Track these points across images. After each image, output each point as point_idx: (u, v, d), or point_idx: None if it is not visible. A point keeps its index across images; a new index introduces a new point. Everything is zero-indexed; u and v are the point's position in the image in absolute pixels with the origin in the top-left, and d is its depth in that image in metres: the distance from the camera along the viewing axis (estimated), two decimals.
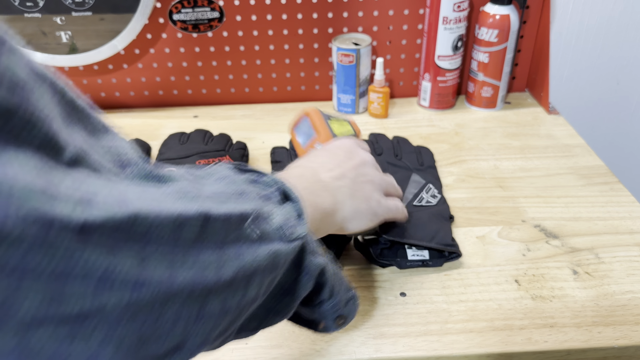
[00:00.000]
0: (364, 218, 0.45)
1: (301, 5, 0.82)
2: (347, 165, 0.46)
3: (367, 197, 0.46)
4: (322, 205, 0.40)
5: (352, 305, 0.39)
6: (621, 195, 0.65)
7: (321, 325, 0.37)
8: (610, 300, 0.51)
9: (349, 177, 0.45)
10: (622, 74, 0.97)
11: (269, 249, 0.28)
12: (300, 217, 0.32)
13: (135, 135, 0.81)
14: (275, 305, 0.32)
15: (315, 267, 0.32)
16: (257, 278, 0.27)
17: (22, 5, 0.76)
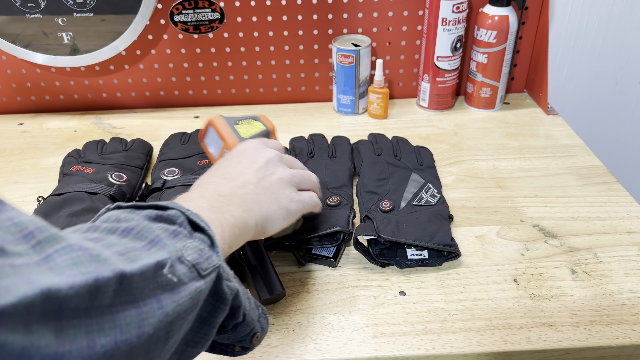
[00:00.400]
0: (278, 218, 0.45)
1: (301, 7, 0.82)
2: (249, 171, 0.46)
3: (274, 198, 0.45)
4: (231, 220, 0.39)
5: (264, 321, 0.39)
6: (619, 195, 0.65)
7: (237, 347, 0.37)
8: (609, 299, 0.51)
9: (252, 182, 0.45)
10: (621, 74, 0.97)
11: (189, 290, 0.28)
12: (212, 245, 0.32)
13: (137, 136, 0.81)
14: (193, 336, 0.31)
15: (230, 292, 0.32)
16: (178, 323, 0.27)
17: (23, 6, 0.77)
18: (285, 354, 0.46)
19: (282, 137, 0.79)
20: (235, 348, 0.37)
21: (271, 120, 0.59)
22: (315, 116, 0.87)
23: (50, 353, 0.20)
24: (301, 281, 0.54)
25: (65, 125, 0.87)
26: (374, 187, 0.63)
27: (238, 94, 0.91)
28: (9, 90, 0.89)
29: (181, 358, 0.31)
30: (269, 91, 0.91)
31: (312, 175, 0.52)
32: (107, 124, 0.87)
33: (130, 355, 0.24)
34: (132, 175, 0.66)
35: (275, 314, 0.50)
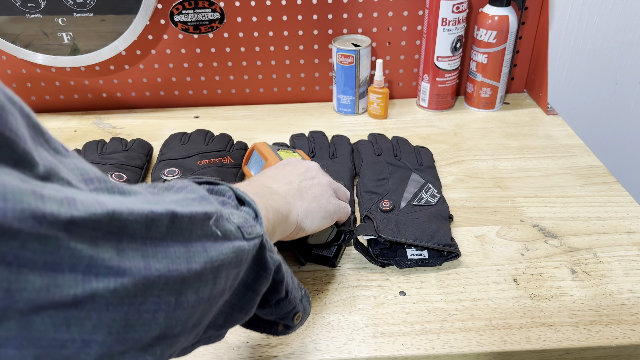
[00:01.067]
0: (317, 215, 0.48)
1: (301, 7, 0.82)
2: (292, 174, 0.50)
3: (316, 197, 0.48)
4: (274, 206, 0.41)
5: (306, 302, 0.41)
6: (619, 195, 0.65)
7: (280, 326, 0.39)
8: (609, 299, 0.51)
9: (295, 182, 0.48)
10: (621, 74, 0.97)
11: (232, 246, 0.30)
12: (256, 217, 0.35)
13: (137, 136, 0.81)
14: (238, 301, 0.33)
15: (272, 263, 0.34)
16: (223, 271, 0.29)
17: (23, 6, 0.77)
18: (285, 353, 0.46)
19: (282, 137, 0.80)
20: (278, 327, 0.39)
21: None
22: (315, 116, 0.87)
23: (114, 266, 0.22)
24: (301, 281, 0.54)
25: (65, 125, 0.87)
26: (374, 187, 0.63)
27: (238, 94, 0.91)
28: None
29: (227, 320, 0.33)
30: (269, 91, 0.91)
31: (346, 190, 0.55)
32: (107, 124, 0.87)
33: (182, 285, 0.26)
34: (132, 175, 0.66)
35: None
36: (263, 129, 0.84)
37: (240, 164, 0.70)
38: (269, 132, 0.82)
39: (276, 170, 0.51)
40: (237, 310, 0.33)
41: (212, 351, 0.47)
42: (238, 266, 0.31)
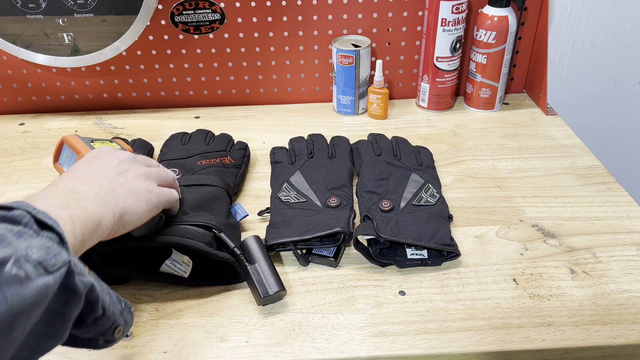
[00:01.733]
0: (138, 210, 0.45)
1: (301, 8, 0.82)
2: (103, 170, 0.46)
3: (132, 191, 0.45)
4: (83, 215, 0.39)
5: (127, 314, 0.39)
6: (619, 195, 0.66)
7: (100, 341, 0.38)
8: (608, 299, 0.51)
9: (106, 179, 0.45)
10: (620, 74, 0.98)
11: (36, 285, 0.28)
12: (62, 242, 0.32)
13: (138, 136, 0.81)
14: (47, 330, 0.31)
15: (83, 286, 0.32)
16: (22, 317, 0.28)
17: (24, 7, 0.77)
18: (285, 353, 0.46)
19: (282, 137, 0.80)
20: (98, 341, 0.38)
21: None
22: (315, 116, 0.88)
23: None
24: (301, 281, 0.54)
25: (66, 126, 0.87)
26: (374, 187, 0.64)
27: (238, 94, 0.91)
28: (10, 91, 0.89)
29: (35, 351, 0.31)
30: (269, 91, 0.91)
31: (168, 172, 0.53)
32: (108, 124, 0.87)
33: None
34: None
35: (275, 314, 0.50)
36: (263, 129, 0.84)
37: (240, 164, 0.70)
38: (269, 132, 0.83)
39: (84, 167, 0.47)
40: (46, 338, 0.32)
41: (213, 350, 0.47)
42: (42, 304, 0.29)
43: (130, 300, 0.52)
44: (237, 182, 0.67)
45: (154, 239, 0.49)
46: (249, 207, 0.65)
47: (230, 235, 0.53)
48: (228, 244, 0.52)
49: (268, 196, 0.67)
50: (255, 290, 0.50)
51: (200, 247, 0.49)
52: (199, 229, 0.51)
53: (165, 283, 0.54)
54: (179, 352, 0.47)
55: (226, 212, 0.58)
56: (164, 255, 0.52)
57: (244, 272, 0.52)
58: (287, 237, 0.55)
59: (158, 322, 0.50)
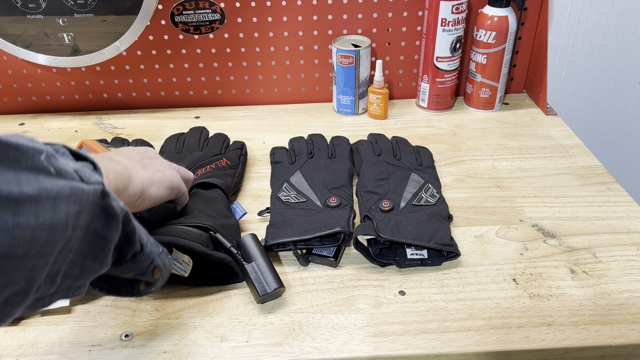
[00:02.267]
0: (162, 185, 0.48)
1: (301, 8, 0.82)
2: (131, 153, 0.50)
3: (158, 168, 0.49)
4: (115, 169, 0.41)
5: (166, 258, 0.41)
6: (618, 195, 0.66)
7: (142, 285, 0.39)
8: (608, 299, 0.51)
9: (135, 158, 0.49)
10: (620, 74, 0.98)
11: (68, 184, 0.30)
12: (95, 169, 0.34)
13: (138, 136, 0.81)
14: (91, 250, 0.33)
15: (120, 210, 0.34)
16: (62, 204, 0.29)
17: (24, 7, 0.77)
18: (286, 353, 0.46)
19: (282, 138, 0.80)
20: (140, 285, 0.39)
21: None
22: (315, 116, 0.88)
23: None
24: (301, 281, 0.54)
25: (66, 126, 0.87)
26: (374, 187, 0.64)
27: (238, 94, 0.91)
28: (10, 91, 0.89)
29: (82, 270, 0.33)
30: (269, 92, 0.91)
31: (189, 172, 0.57)
32: (108, 124, 0.87)
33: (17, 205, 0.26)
34: None
35: (275, 313, 0.50)
36: (263, 129, 0.84)
37: (237, 164, 0.69)
38: (269, 133, 0.83)
39: (114, 151, 0.51)
40: (91, 259, 0.34)
41: (213, 350, 0.47)
42: (78, 204, 0.30)
43: (130, 300, 0.52)
44: (235, 181, 0.67)
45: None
46: (249, 207, 0.65)
47: (228, 235, 0.53)
48: (224, 243, 0.52)
49: (268, 196, 0.67)
50: (254, 288, 0.50)
51: (197, 248, 0.49)
52: (195, 230, 0.51)
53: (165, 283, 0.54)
54: (179, 352, 0.47)
55: (225, 212, 0.58)
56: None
57: (241, 271, 0.52)
58: (287, 237, 0.55)
59: (158, 322, 0.50)
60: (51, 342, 0.48)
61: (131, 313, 0.51)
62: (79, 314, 0.51)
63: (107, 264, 0.35)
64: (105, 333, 0.49)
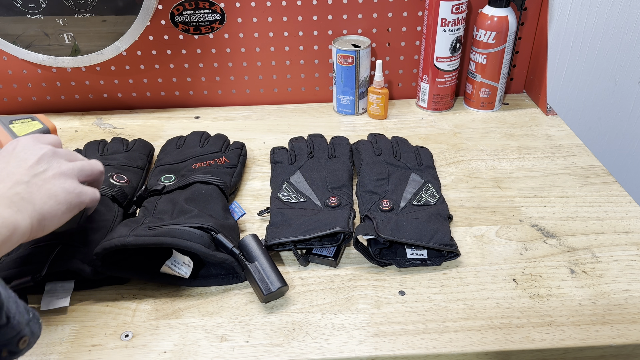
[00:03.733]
0: (57, 214, 0.45)
1: (301, 8, 0.83)
2: (20, 170, 0.45)
3: (51, 194, 0.45)
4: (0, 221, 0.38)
5: (35, 325, 0.38)
6: (618, 195, 0.66)
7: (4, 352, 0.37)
8: (608, 299, 0.51)
9: (23, 181, 0.44)
10: (620, 74, 0.98)
11: None
12: None
13: (138, 136, 0.81)
14: None
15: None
16: None
17: (24, 7, 0.77)
18: (286, 353, 0.46)
19: (282, 137, 0.80)
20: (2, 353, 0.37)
21: (51, 120, 0.55)
22: (315, 117, 0.88)
23: None
24: (301, 281, 0.54)
25: (66, 126, 0.87)
26: (374, 187, 0.64)
27: (238, 94, 0.91)
28: (10, 91, 0.89)
29: None
30: (269, 92, 0.91)
31: (94, 165, 0.51)
32: (108, 124, 0.87)
33: None
34: (133, 176, 0.67)
35: (275, 313, 0.50)
36: (263, 129, 0.84)
37: (236, 164, 0.70)
38: (269, 133, 0.83)
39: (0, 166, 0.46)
40: None
41: (213, 350, 0.47)
42: None
43: (131, 300, 0.52)
44: (234, 181, 0.67)
45: (152, 240, 0.49)
46: (249, 207, 0.65)
47: (228, 235, 0.53)
48: (226, 244, 0.52)
49: (268, 196, 0.67)
50: (258, 288, 0.50)
51: (198, 249, 0.49)
52: (196, 231, 0.51)
53: (165, 283, 0.54)
54: (179, 352, 0.47)
55: (223, 211, 0.58)
56: (163, 256, 0.52)
57: (244, 271, 0.52)
58: (287, 237, 0.55)
59: (158, 322, 0.50)
60: (51, 342, 0.48)
61: (131, 313, 0.51)
62: (79, 314, 0.51)
63: None
64: (105, 333, 0.49)
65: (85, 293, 0.53)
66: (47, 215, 0.44)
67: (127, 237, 0.49)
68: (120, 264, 0.52)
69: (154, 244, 0.49)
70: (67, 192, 0.46)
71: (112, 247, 0.48)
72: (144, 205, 0.60)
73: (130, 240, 0.49)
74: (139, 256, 0.53)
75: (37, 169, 0.46)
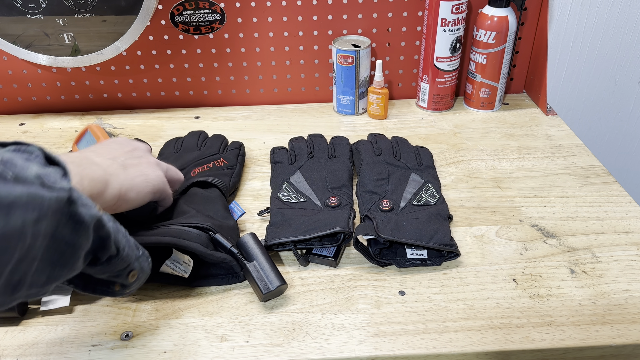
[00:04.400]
0: (143, 189, 0.48)
1: (301, 8, 0.83)
2: (118, 151, 0.50)
3: (141, 171, 0.49)
4: (91, 175, 0.41)
5: (144, 262, 0.40)
6: (618, 195, 0.66)
7: (117, 286, 0.39)
8: (608, 299, 0.51)
9: (120, 158, 0.49)
10: (620, 74, 0.98)
11: (27, 190, 0.29)
12: (65, 175, 0.34)
13: (138, 136, 0.81)
14: (58, 258, 0.33)
15: (90, 217, 0.33)
16: (18, 211, 0.28)
17: (24, 7, 0.77)
18: (286, 353, 0.46)
19: (282, 138, 0.80)
20: (115, 286, 0.39)
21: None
22: (315, 117, 0.88)
23: None
24: (301, 281, 0.54)
25: (66, 126, 0.87)
26: (374, 187, 0.64)
27: (238, 94, 0.91)
28: (10, 91, 0.89)
29: (50, 277, 0.33)
30: (269, 92, 0.91)
31: (179, 173, 0.56)
32: (108, 124, 0.87)
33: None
34: None
35: (275, 313, 0.50)
36: (263, 129, 0.84)
37: (235, 164, 0.69)
38: (269, 133, 0.83)
39: (102, 146, 0.51)
40: (59, 267, 0.33)
41: (213, 350, 0.47)
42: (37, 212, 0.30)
43: (130, 300, 0.52)
44: (233, 181, 0.67)
45: (151, 240, 0.49)
46: (249, 207, 0.65)
47: (227, 235, 0.53)
48: (224, 244, 0.52)
49: (268, 196, 0.67)
50: (257, 287, 0.50)
51: (197, 248, 0.49)
52: (195, 230, 0.51)
53: (165, 283, 0.54)
54: (179, 352, 0.47)
55: (223, 211, 0.58)
56: (162, 256, 0.52)
57: (243, 270, 0.52)
58: (287, 237, 0.55)
59: (158, 322, 0.50)
60: (51, 342, 0.48)
61: (131, 313, 0.51)
62: (79, 314, 0.51)
63: (78, 269, 0.35)
64: (105, 333, 0.49)
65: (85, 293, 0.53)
66: (134, 188, 0.47)
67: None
68: None
69: (152, 244, 0.49)
70: (156, 175, 0.50)
71: None
72: None
73: None
74: None
75: (134, 154, 0.51)
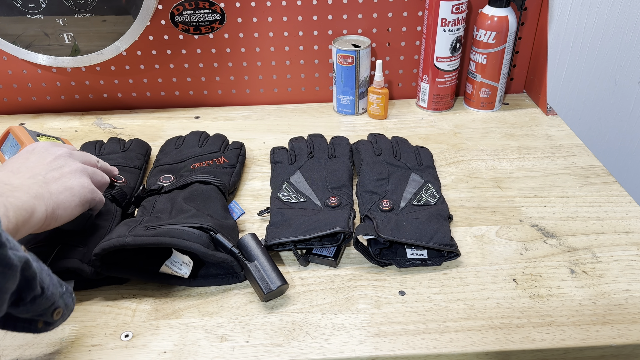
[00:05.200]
0: (70, 205, 0.47)
1: (301, 8, 0.83)
2: (38, 165, 0.48)
3: (66, 187, 0.47)
4: (17, 203, 0.40)
5: (68, 298, 0.40)
6: (618, 195, 0.66)
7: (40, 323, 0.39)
8: (608, 299, 0.51)
9: (41, 174, 0.47)
10: (620, 74, 0.98)
11: None
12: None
13: (138, 136, 0.81)
14: None
15: (18, 259, 0.33)
16: None
17: (24, 7, 0.77)
18: (286, 353, 0.46)
19: (282, 138, 0.80)
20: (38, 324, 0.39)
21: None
22: (315, 117, 0.88)
23: None
24: (301, 281, 0.54)
25: (66, 126, 0.87)
26: (374, 187, 0.64)
27: (238, 94, 0.91)
28: (10, 91, 0.89)
29: None
30: (269, 92, 0.91)
31: (104, 175, 0.55)
32: (108, 124, 0.87)
33: None
34: (130, 177, 0.66)
35: (275, 313, 0.50)
36: (263, 129, 0.84)
37: (235, 164, 0.70)
38: (269, 133, 0.83)
39: (20, 162, 0.49)
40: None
41: (213, 350, 0.47)
42: None
43: (131, 300, 0.52)
44: (233, 181, 0.67)
45: (151, 240, 0.49)
46: (249, 207, 0.65)
47: (227, 235, 0.53)
48: (225, 244, 0.52)
49: (268, 196, 0.67)
50: (258, 287, 0.50)
51: (197, 249, 0.49)
52: (195, 230, 0.51)
53: (165, 283, 0.54)
54: (179, 352, 0.47)
55: (222, 211, 0.58)
56: (163, 256, 0.52)
57: (244, 270, 0.52)
58: (287, 237, 0.55)
59: (158, 322, 0.50)
60: (51, 342, 0.48)
61: (131, 313, 0.51)
62: (79, 314, 0.51)
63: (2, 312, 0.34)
64: (105, 333, 0.49)
65: (85, 293, 0.53)
66: (61, 205, 0.46)
67: (125, 238, 0.49)
68: (119, 264, 0.52)
69: (152, 244, 0.49)
70: (81, 186, 0.49)
71: (111, 247, 0.48)
72: (142, 204, 0.60)
73: (128, 241, 0.49)
74: (139, 256, 0.53)
75: (55, 164, 0.49)
